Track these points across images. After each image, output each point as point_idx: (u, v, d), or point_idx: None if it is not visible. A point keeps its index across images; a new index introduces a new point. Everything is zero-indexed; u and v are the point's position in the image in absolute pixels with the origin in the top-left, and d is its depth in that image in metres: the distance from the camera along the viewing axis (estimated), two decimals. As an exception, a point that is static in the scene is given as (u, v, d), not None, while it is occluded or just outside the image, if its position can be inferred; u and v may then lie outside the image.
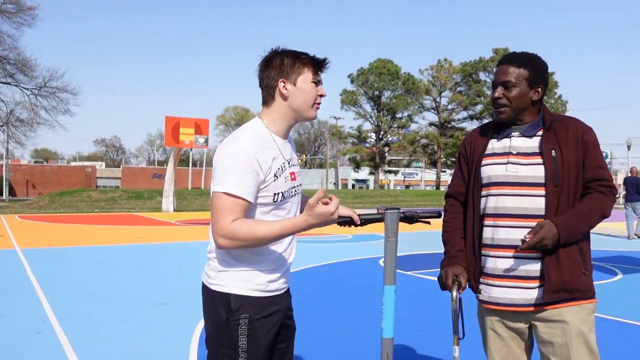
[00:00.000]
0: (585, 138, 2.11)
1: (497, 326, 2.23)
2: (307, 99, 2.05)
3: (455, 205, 2.36)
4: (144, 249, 11.22)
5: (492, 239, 2.17)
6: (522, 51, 2.22)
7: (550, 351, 2.11)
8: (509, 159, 2.16)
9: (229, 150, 1.94)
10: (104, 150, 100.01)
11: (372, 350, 4.35)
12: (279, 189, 2.02)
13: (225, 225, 1.87)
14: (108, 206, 28.36)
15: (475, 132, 2.35)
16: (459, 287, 2.16)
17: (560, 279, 2.05)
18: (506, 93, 2.15)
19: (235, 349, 1.98)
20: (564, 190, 2.07)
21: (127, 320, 5.35)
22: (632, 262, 9.89)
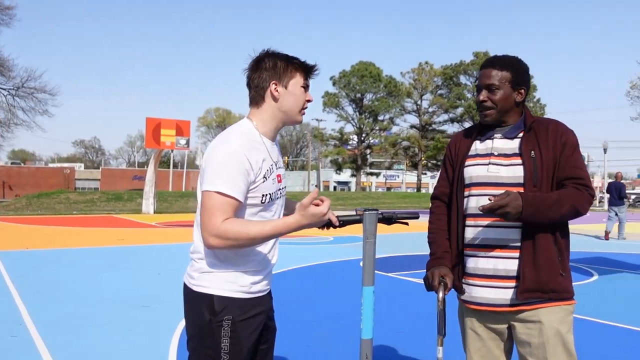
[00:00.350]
0: (564, 139, 2.14)
1: (476, 326, 2.25)
2: (297, 102, 2.07)
3: (440, 207, 2.39)
4: (123, 251, 11.09)
5: (473, 238, 2.20)
6: (504, 54, 2.26)
7: (527, 351, 2.13)
8: (491, 160, 2.19)
9: (221, 149, 1.94)
10: (83, 152, 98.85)
11: (352, 351, 4.36)
12: (268, 190, 2.02)
13: (217, 225, 1.86)
14: (87, 208, 27.99)
15: (460, 135, 2.39)
16: (445, 288, 2.17)
17: (535, 279, 2.06)
18: (491, 96, 2.19)
19: (217, 351, 1.97)
20: (542, 190, 2.10)
21: (106, 323, 5.28)
22: (608, 263, 10.06)
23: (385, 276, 8.23)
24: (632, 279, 8.36)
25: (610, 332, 5.15)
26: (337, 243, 12.89)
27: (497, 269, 2.14)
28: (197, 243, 2.03)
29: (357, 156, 58.45)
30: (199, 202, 1.96)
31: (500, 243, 2.14)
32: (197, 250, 2.04)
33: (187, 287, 2.06)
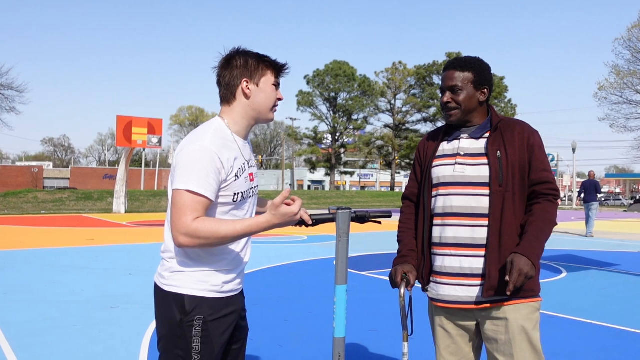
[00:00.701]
0: (531, 141, 2.17)
1: (445, 323, 2.28)
2: (268, 100, 2.07)
3: (409, 207, 2.43)
4: (93, 251, 10.90)
5: (440, 237, 2.23)
6: (465, 56, 2.31)
7: (494, 348, 2.17)
8: (457, 159, 2.23)
9: (192, 147, 1.92)
10: (52, 150, 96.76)
11: (326, 350, 4.36)
12: (239, 189, 2.01)
13: (188, 223, 1.84)
14: (56, 207, 27.44)
15: (428, 136, 2.43)
16: (408, 285, 2.20)
17: (500, 277, 2.09)
18: (454, 97, 2.22)
19: (188, 351, 1.95)
20: (508, 190, 2.13)
21: (75, 324, 5.18)
22: (577, 260, 10.29)
23: (359, 275, 8.26)
24: (600, 276, 8.56)
25: (577, 328, 5.25)
26: (311, 242, 12.89)
27: (463, 267, 2.17)
28: (168, 242, 2.00)
29: (331, 155, 58.59)
30: (170, 201, 1.94)
31: (467, 242, 2.17)
32: (168, 249, 2.01)
33: (158, 286, 2.03)
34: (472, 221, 2.16)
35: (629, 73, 32.60)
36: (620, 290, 7.34)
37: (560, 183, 59.37)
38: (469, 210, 2.17)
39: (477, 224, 2.15)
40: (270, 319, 5.44)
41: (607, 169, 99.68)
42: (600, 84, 33.75)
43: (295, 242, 12.91)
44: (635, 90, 32.73)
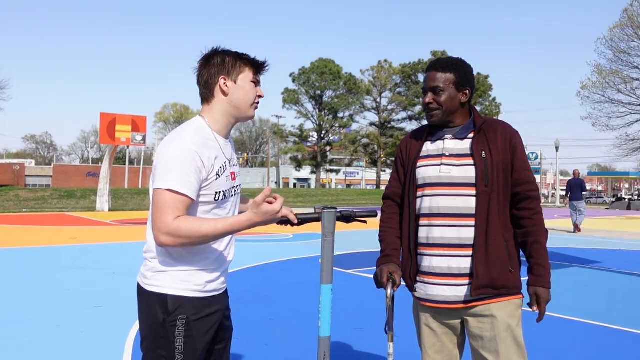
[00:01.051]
0: (513, 141, 2.22)
1: (431, 322, 2.31)
2: (247, 97, 2.07)
3: (391, 206, 2.43)
4: (76, 250, 10.78)
5: (427, 238, 2.24)
6: (447, 57, 2.33)
7: (480, 345, 2.20)
8: (442, 160, 2.24)
9: (172, 147, 1.92)
10: (34, 147, 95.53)
11: (311, 349, 4.36)
12: (221, 187, 2.01)
13: (168, 223, 1.83)
14: (38, 206, 27.10)
15: (410, 136, 2.44)
16: (394, 285, 2.21)
17: (487, 276, 2.14)
18: (436, 98, 2.24)
19: (171, 351, 1.94)
20: (494, 190, 2.16)
21: (58, 325, 5.12)
22: (559, 258, 10.40)
23: (345, 273, 8.28)
24: (582, 273, 8.67)
25: (560, 325, 5.31)
26: (296, 240, 12.88)
27: (451, 267, 2.20)
28: (150, 242, 1.99)
29: (317, 153, 58.61)
30: (151, 201, 1.93)
31: (454, 242, 2.19)
32: (150, 249, 2.00)
33: (141, 287, 2.02)
34: (459, 221, 2.18)
35: (611, 72, 33.03)
36: (602, 288, 7.44)
37: (543, 181, 60.08)
38: (456, 211, 2.18)
39: (464, 224, 2.17)
40: (256, 318, 5.43)
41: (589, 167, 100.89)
42: (583, 83, 34.17)
43: (281, 241, 12.90)
44: (617, 90, 33.18)
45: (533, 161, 49.19)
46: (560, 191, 43.75)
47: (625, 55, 32.27)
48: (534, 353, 4.36)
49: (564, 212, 31.21)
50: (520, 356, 2.18)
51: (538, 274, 2.18)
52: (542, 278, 2.17)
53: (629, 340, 4.84)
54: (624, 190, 74.23)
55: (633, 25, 31.11)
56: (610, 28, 32.47)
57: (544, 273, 2.18)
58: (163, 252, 1.97)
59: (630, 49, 31.94)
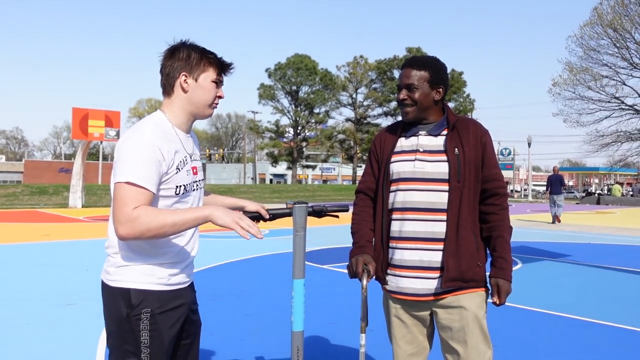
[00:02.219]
0: (484, 139, 2.30)
1: (401, 314, 2.37)
2: (206, 97, 2.08)
3: (364, 200, 2.47)
4: (48, 247, 10.60)
5: (400, 231, 2.29)
6: (422, 55, 2.39)
7: (448, 335, 2.27)
8: (417, 156, 2.29)
9: (131, 141, 1.92)
10: (4, 143, 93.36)
11: (287, 343, 4.38)
12: (181, 181, 2.02)
13: (128, 212, 1.82)
14: (8, 202, 26.52)
15: (384, 131, 2.47)
16: (368, 276, 2.24)
17: (457, 269, 2.21)
18: (410, 94, 2.29)
19: (137, 345, 1.95)
20: (465, 185, 2.23)
21: (29, 323, 5.04)
22: (532, 252, 10.61)
23: (320, 268, 8.31)
24: (553, 267, 8.86)
25: (531, 317, 5.43)
26: (272, 236, 12.88)
27: (423, 260, 2.25)
28: (112, 237, 2.00)
29: (293, 149, 58.51)
30: (112, 196, 1.93)
31: (426, 236, 2.24)
32: (111, 244, 2.00)
33: (104, 283, 2.03)
34: (432, 216, 2.23)
35: (581, 70, 33.61)
36: (572, 281, 7.62)
37: (516, 176, 60.93)
38: (429, 205, 2.24)
39: (436, 218, 2.23)
40: (231, 314, 5.43)
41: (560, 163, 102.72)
42: (554, 80, 34.67)
43: (255, 236, 12.85)
44: (587, 87, 33.77)
45: (506, 157, 49.84)
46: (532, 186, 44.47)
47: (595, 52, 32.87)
48: (504, 344, 4.46)
49: (536, 206, 31.80)
50: (487, 345, 2.26)
51: (500, 266, 2.24)
52: (503, 271, 2.24)
53: (597, 332, 4.98)
54: (594, 185, 75.81)
55: (602, 24, 31.71)
56: (581, 26, 33.02)
57: (506, 266, 2.24)
58: (125, 246, 1.97)
59: (600, 47, 32.54)
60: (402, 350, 2.36)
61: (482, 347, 2.23)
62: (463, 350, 2.22)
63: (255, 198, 32.59)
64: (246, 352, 4.25)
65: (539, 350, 4.40)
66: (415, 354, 2.37)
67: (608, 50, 32.08)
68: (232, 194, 32.75)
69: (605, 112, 33.57)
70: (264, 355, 4.19)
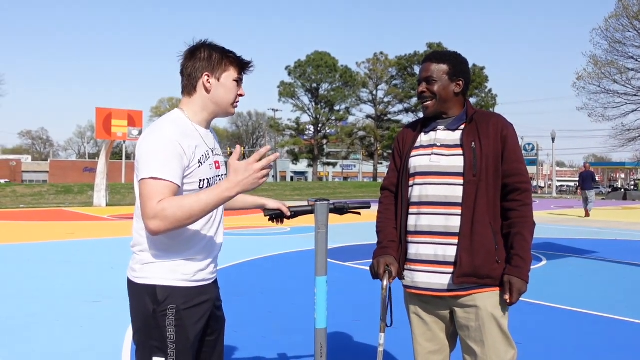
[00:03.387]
0: (505, 132, 2.24)
1: (420, 311, 2.34)
2: (228, 95, 2.09)
3: (388, 197, 2.46)
4: (74, 245, 10.79)
5: (415, 225, 2.28)
6: (443, 50, 2.38)
7: (466, 334, 2.23)
8: (434, 150, 2.29)
9: (151, 138, 1.93)
10: (30, 143, 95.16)
11: (308, 341, 4.39)
12: (204, 175, 2.03)
13: (153, 207, 1.83)
14: (35, 201, 27.05)
15: (406, 127, 2.49)
16: (390, 277, 2.22)
17: (471, 264, 2.15)
18: (429, 87, 2.30)
19: (163, 341, 1.96)
20: (482, 179, 2.18)
21: (56, 320, 5.14)
22: (557, 248, 10.45)
23: (342, 265, 8.31)
24: (578, 264, 8.71)
25: (556, 315, 5.35)
26: (294, 234, 12.91)
27: (437, 254, 2.22)
28: (136, 235, 2.02)
29: (314, 146, 58.53)
30: (137, 194, 1.94)
31: (441, 230, 2.22)
32: (137, 242, 2.03)
33: (130, 280, 2.05)
34: (446, 209, 2.21)
35: (607, 63, 33.01)
36: (598, 277, 7.49)
37: (540, 172, 60.13)
38: (443, 199, 2.22)
39: (451, 212, 2.21)
40: (254, 311, 5.45)
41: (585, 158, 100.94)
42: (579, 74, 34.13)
43: (278, 234, 12.92)
44: (613, 80, 33.16)
45: (529, 152, 49.21)
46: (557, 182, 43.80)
47: (620, 45, 32.26)
48: (529, 342, 4.40)
49: (560, 202, 31.37)
50: (507, 345, 2.19)
51: (515, 264, 2.16)
52: (518, 269, 2.15)
53: (627, 330, 4.88)
54: (620, 181, 74.37)
55: (628, 15, 31.08)
56: (606, 18, 32.43)
57: (521, 264, 2.16)
58: (150, 243, 1.99)
59: (626, 39, 31.92)
60: (422, 348, 2.33)
61: (502, 348, 2.18)
62: (480, 350, 2.18)
63: (276, 196, 32.67)
64: (269, 349, 4.27)
65: (566, 348, 4.33)
66: (436, 351, 2.33)
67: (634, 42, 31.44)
68: (253, 192, 32.98)
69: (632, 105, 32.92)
70: (287, 352, 4.20)
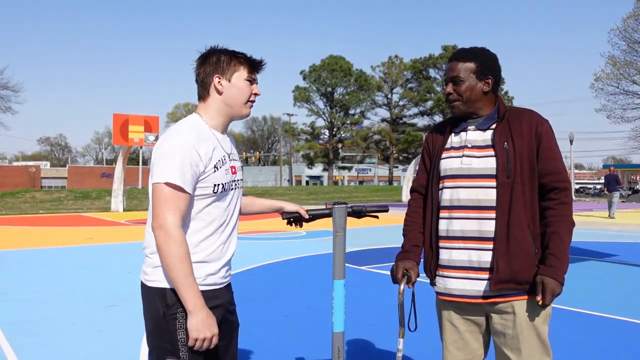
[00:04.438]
0: (540, 130, 2.12)
1: (454, 318, 2.24)
2: (241, 95, 2.09)
3: (417, 200, 2.38)
4: (92, 250, 10.89)
5: (447, 230, 2.19)
6: (470, 47, 2.25)
7: (502, 341, 2.14)
8: (464, 152, 2.19)
9: (169, 142, 1.96)
10: (49, 150, 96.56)
11: (325, 345, 4.36)
12: (219, 180, 2.03)
13: (168, 220, 1.87)
14: (54, 207, 27.39)
15: (436, 128, 2.39)
16: (409, 282, 2.18)
17: (509, 270, 2.06)
18: (456, 88, 2.19)
19: (175, 344, 1.96)
20: (517, 181, 2.08)
21: (74, 323, 5.18)
22: (575, 252, 10.30)
23: (358, 269, 8.27)
24: (598, 267, 8.58)
25: (577, 319, 5.27)
26: (309, 237, 12.89)
27: (472, 260, 2.13)
28: (149, 238, 2.03)
29: (329, 150, 58.56)
30: (150, 196, 1.96)
31: (474, 235, 2.13)
32: (149, 245, 2.03)
33: (143, 283, 2.07)
34: (479, 214, 2.12)
35: (625, 63, 32.59)
36: (618, 281, 7.37)
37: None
38: (476, 203, 2.13)
39: (484, 216, 2.11)
40: (270, 315, 5.45)
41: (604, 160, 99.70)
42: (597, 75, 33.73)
43: (293, 238, 12.91)
44: (632, 81, 32.73)
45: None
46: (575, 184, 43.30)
47: (639, 45, 31.82)
48: (550, 347, 4.33)
49: (579, 205, 30.98)
50: (544, 354, 2.11)
51: (550, 264, 2.04)
52: (552, 269, 2.03)
53: (646, 334, 4.79)
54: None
55: (647, 15, 30.67)
56: (624, 18, 32.04)
57: (556, 264, 2.03)
58: None
59: (645, 39, 31.49)
60: (452, 356, 2.24)
61: (538, 357, 2.09)
62: (517, 358, 2.09)
63: (291, 200, 32.69)
64: (285, 353, 4.26)
65: (585, 353, 4.26)
66: None
67: (654, 42, 31.00)
68: (269, 196, 32.97)
69: (652, 106, 32.43)
70: (304, 356, 4.18)
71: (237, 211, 2.17)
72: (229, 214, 2.11)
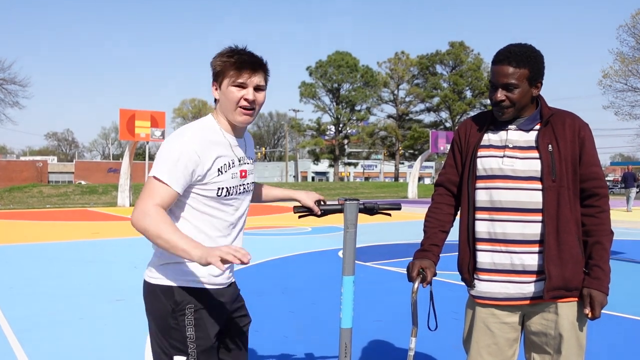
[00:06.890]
0: (582, 134, 2.08)
1: (490, 322, 2.18)
2: (229, 103, 2.01)
3: (442, 195, 2.30)
4: (98, 245, 10.92)
5: (488, 232, 2.13)
6: (519, 46, 2.09)
7: (542, 341, 2.11)
8: (505, 152, 2.11)
9: (170, 141, 1.97)
10: (56, 145, 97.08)
11: (331, 341, 4.36)
12: (224, 184, 2.02)
13: (145, 205, 1.85)
14: (61, 202, 27.50)
15: (470, 122, 2.27)
16: (424, 281, 2.13)
17: (561, 277, 2.04)
18: (508, 95, 2.06)
19: (184, 341, 1.96)
20: (563, 185, 2.04)
21: (81, 318, 5.19)
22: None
23: (365, 266, 8.26)
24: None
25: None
26: (315, 233, 12.89)
27: (514, 263, 2.08)
28: None
29: (335, 146, 58.53)
30: None
31: (517, 238, 2.08)
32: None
33: (147, 282, 2.06)
34: (522, 216, 2.06)
35: (634, 60, 32.37)
36: (624, 279, 7.32)
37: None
38: (520, 205, 2.07)
39: (527, 219, 2.06)
40: (276, 311, 5.44)
41: (612, 157, 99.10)
42: (605, 72, 33.52)
43: (299, 234, 12.91)
44: (640, 78, 32.51)
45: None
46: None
47: (648, 42, 31.60)
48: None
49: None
50: (579, 356, 2.10)
51: (596, 276, 2.04)
52: (599, 281, 2.04)
53: (655, 332, 4.75)
54: (648, 180, 72.86)
55: (656, 12, 30.44)
56: (633, 15, 31.81)
57: (602, 276, 2.04)
58: None
59: (654, 36, 31.26)
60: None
61: (574, 359, 2.08)
62: (556, 358, 2.08)
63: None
64: (291, 349, 4.25)
65: (594, 351, 4.23)
66: None
67: (663, 39, 30.78)
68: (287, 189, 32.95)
69: (660, 103, 32.21)
70: (310, 351, 4.18)
71: (244, 214, 2.16)
72: (236, 217, 2.10)
